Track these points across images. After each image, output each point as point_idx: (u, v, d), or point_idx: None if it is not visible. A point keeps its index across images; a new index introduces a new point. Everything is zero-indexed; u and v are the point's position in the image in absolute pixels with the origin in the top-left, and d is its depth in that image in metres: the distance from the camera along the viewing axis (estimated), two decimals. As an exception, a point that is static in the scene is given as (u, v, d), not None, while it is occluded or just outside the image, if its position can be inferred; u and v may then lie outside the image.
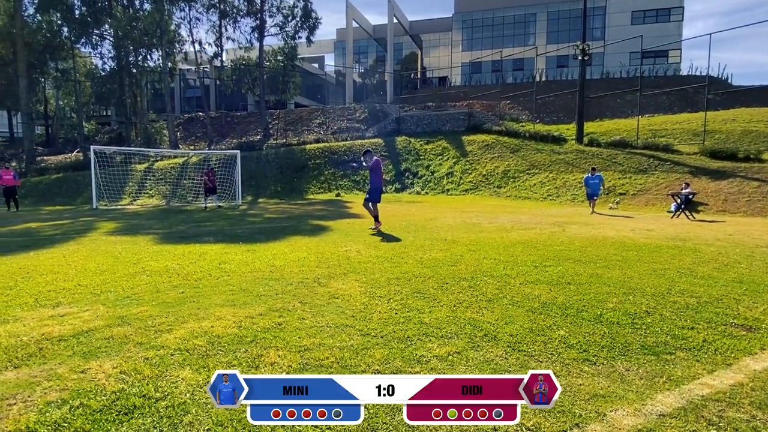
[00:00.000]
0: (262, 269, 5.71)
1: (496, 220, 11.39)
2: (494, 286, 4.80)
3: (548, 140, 24.25)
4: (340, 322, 3.67)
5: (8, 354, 3.06)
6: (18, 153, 32.95)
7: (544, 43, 41.30)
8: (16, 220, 13.05)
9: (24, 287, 4.83)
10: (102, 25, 31.51)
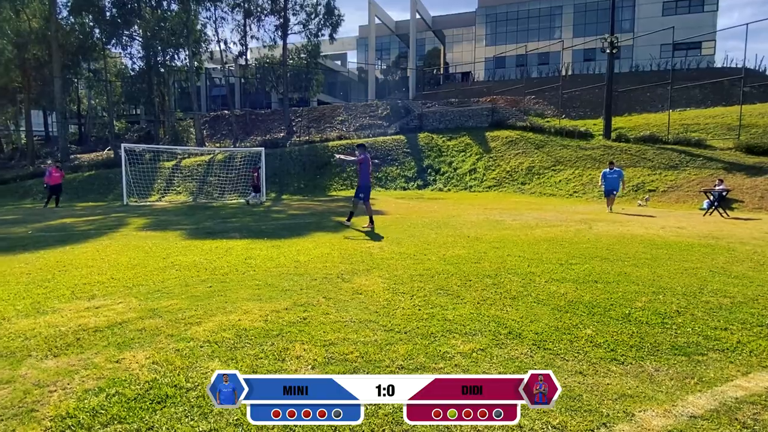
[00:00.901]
0: (286, 265, 5.79)
1: (520, 217, 11.25)
2: (518, 283, 4.75)
3: (574, 136, 23.77)
4: (364, 318, 3.70)
5: (48, 343, 3.20)
6: (53, 151, 34.21)
7: (570, 36, 40.42)
8: (52, 215, 13.57)
9: (61, 280, 5.03)
10: (131, 26, 32.34)
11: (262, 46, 35.88)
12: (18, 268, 5.68)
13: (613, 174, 13.90)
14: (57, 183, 17.68)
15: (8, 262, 6.16)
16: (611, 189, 13.83)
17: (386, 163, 27.40)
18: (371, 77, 43.91)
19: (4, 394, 2.50)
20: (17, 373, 2.76)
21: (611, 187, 13.84)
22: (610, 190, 13.88)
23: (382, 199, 19.27)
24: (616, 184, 13.83)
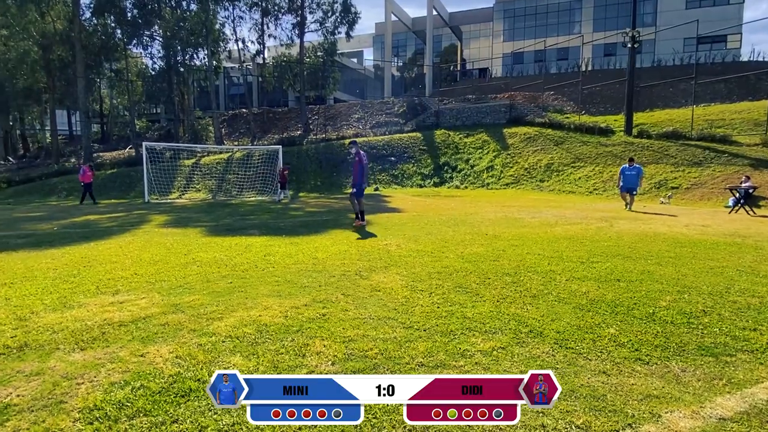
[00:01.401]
0: (305, 261, 5.83)
1: (539, 215, 11.12)
2: (539, 282, 4.69)
3: (594, 132, 23.38)
4: (383, 315, 3.70)
5: (75, 337, 3.28)
6: (76, 150, 35.03)
7: (590, 30, 39.72)
8: (76, 212, 13.90)
9: (86, 275, 5.15)
10: (152, 26, 32.89)
11: (280, 45, 36.12)
12: (45, 264, 5.83)
13: (632, 171, 13.18)
14: (88, 181, 18.20)
15: (35, 257, 6.34)
16: (630, 187, 13.15)
17: (402, 160, 27.37)
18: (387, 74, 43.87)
19: (34, 386, 2.57)
20: (46, 365, 2.83)
21: (630, 185, 13.15)
22: (629, 188, 13.18)
23: (398, 196, 19.27)
24: (636, 182, 13.14)
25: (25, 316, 3.76)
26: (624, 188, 13.26)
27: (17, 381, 2.63)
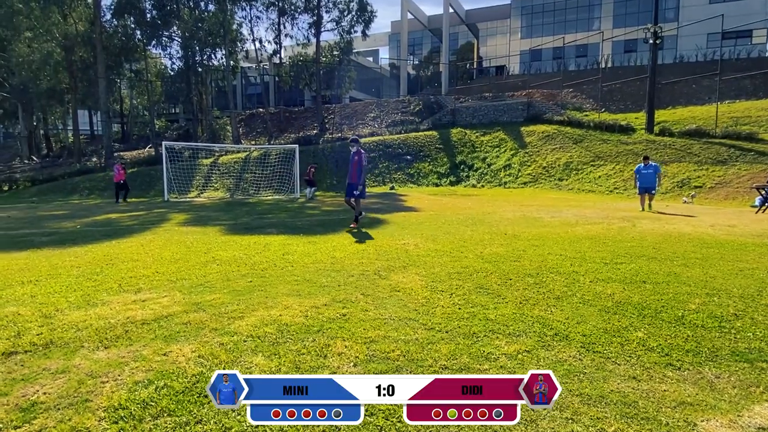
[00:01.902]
0: (323, 260, 5.82)
1: (558, 214, 10.95)
2: (562, 283, 4.60)
3: (615, 130, 22.97)
4: (404, 316, 3.66)
5: (99, 335, 3.31)
6: (97, 149, 35.75)
7: (610, 27, 39.01)
8: (98, 210, 14.17)
9: (109, 273, 5.22)
10: (171, 27, 33.39)
11: (296, 44, 36.33)
12: (69, 262, 5.93)
13: (649, 169, 12.53)
14: (120, 180, 18.61)
15: (59, 255, 6.45)
16: (647, 186, 12.50)
17: (418, 159, 27.29)
18: (403, 73, 43.77)
19: (60, 383, 2.59)
20: (71, 363, 2.86)
21: (647, 184, 12.50)
22: (646, 188, 12.52)
23: (414, 195, 19.19)
24: (653, 181, 12.50)
25: (50, 313, 3.81)
26: (641, 189, 12.62)
27: (43, 379, 2.66)
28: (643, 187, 12.54)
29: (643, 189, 12.54)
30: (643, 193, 12.55)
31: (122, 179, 18.69)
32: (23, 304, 4.06)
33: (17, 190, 27.21)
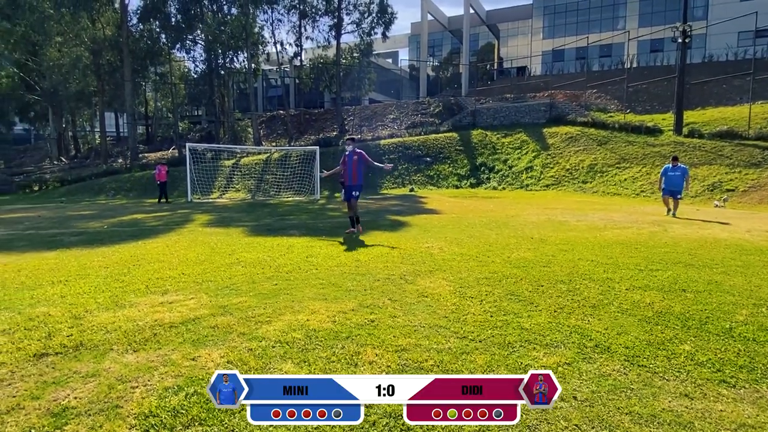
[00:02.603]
0: (347, 264, 5.74)
1: (585, 218, 10.67)
2: (596, 290, 4.42)
3: (641, 131, 22.39)
4: (433, 323, 3.55)
5: (128, 338, 3.29)
6: (123, 150, 36.53)
7: (635, 26, 38.15)
8: (124, 211, 14.42)
9: (136, 274, 5.24)
10: (194, 31, 33.92)
11: (316, 47, 36.50)
12: (97, 262, 6.00)
13: (677, 171, 11.60)
14: (163, 180, 18.71)
15: (88, 255, 6.54)
16: (674, 189, 11.56)
17: (438, 161, 27.09)
18: (423, 74, 43.60)
19: (90, 388, 2.56)
20: (101, 366, 2.84)
21: (674, 187, 11.57)
22: (672, 191, 11.61)
23: (434, 197, 19.02)
24: (680, 184, 11.55)
25: (79, 314, 3.82)
26: (666, 191, 11.77)
27: (74, 382, 2.64)
28: (669, 189, 11.73)
29: (668, 191, 11.73)
30: (668, 196, 11.76)
31: (164, 179, 18.71)
32: (53, 305, 4.09)
33: (47, 190, 27.97)
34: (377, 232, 8.71)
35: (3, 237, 8.66)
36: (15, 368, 2.83)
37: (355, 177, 8.63)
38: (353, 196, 8.60)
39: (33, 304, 4.14)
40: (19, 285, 4.84)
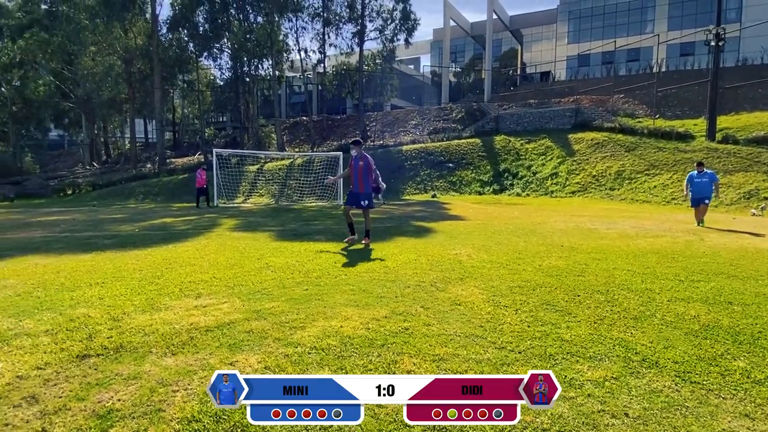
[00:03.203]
0: (376, 270, 5.71)
1: (614, 226, 10.41)
2: (636, 301, 4.28)
3: (671, 137, 21.84)
4: (469, 332, 3.48)
5: (165, 341, 3.32)
6: (151, 156, 37.49)
7: (664, 29, 37.34)
8: (153, 215, 14.74)
9: (169, 277, 5.32)
10: (221, 39, 34.69)
11: (339, 54, 36.86)
12: (131, 264, 6.11)
13: (703, 177, 10.97)
14: (202, 185, 18.69)
15: (122, 258, 6.67)
16: (701, 197, 10.88)
17: (460, 166, 26.95)
18: (445, 80, 43.53)
19: (132, 391, 2.58)
20: (142, 369, 2.86)
21: (701, 195, 10.89)
22: (699, 198, 10.91)
23: (457, 203, 18.89)
24: (707, 191, 10.90)
25: (118, 316, 3.88)
26: (694, 200, 11.06)
27: (117, 384, 2.66)
28: (696, 198, 11.02)
29: (696, 200, 11.02)
30: (696, 206, 11.02)
31: (204, 184, 18.72)
32: (92, 306, 4.17)
33: (80, 194, 28.88)
34: (403, 238, 8.66)
35: (41, 239, 8.94)
36: (60, 369, 2.88)
37: (361, 184, 7.99)
38: (362, 206, 8.00)
39: (73, 305, 4.23)
40: (59, 286, 4.96)
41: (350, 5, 34.32)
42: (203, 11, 33.87)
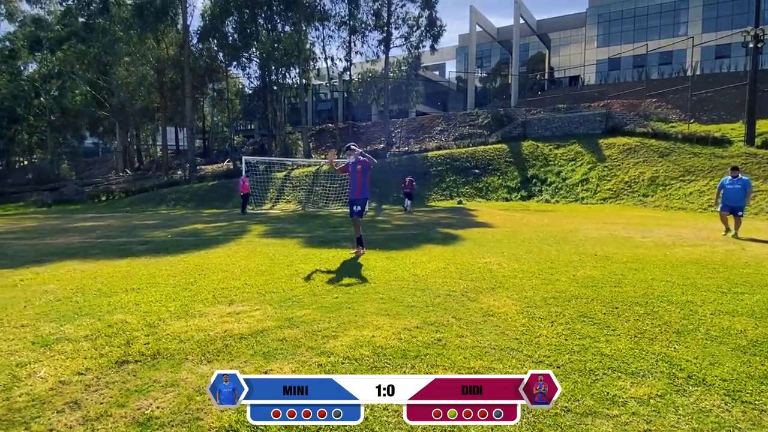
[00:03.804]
0: (405, 278, 5.68)
1: (650, 234, 10.09)
2: (678, 314, 4.11)
3: (707, 142, 21.08)
4: (504, 345, 3.41)
5: (201, 348, 3.36)
6: (182, 163, 38.49)
7: (699, 31, 36.24)
8: (184, 221, 15.09)
9: (202, 284, 5.41)
10: (249, 49, 35.44)
11: (365, 61, 37.14)
12: (165, 270, 6.25)
13: (736, 184, 10.04)
14: (247, 192, 19.20)
15: (156, 264, 6.84)
16: (733, 205, 10.01)
17: (487, 172, 26.68)
18: (471, 86, 43.29)
19: (170, 398, 2.62)
20: (179, 376, 2.90)
21: (734, 203, 10.01)
22: (731, 207, 10.05)
23: (484, 210, 18.68)
24: (741, 199, 9.96)
25: (154, 322, 3.96)
26: (725, 207, 10.19)
27: (155, 391, 2.71)
28: (728, 205, 10.15)
29: (727, 207, 10.15)
30: (726, 213, 10.16)
31: (248, 191, 19.12)
32: (129, 312, 4.27)
33: (113, 200, 29.87)
34: (430, 246, 8.60)
35: (79, 245, 9.25)
36: (100, 374, 2.95)
37: (359, 189, 7.71)
38: (356, 212, 7.73)
39: (110, 311, 4.34)
40: (96, 292, 5.11)
41: (376, 13, 34.58)
42: (232, 21, 34.72)
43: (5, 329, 3.81)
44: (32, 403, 2.58)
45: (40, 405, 2.55)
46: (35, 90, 40.08)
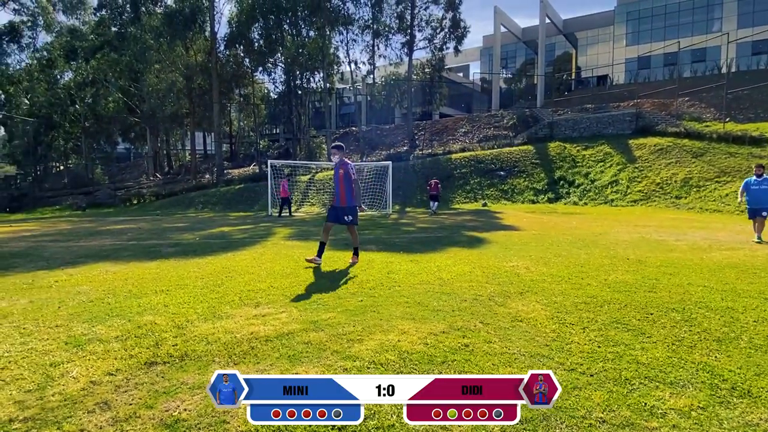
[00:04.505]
0: (430, 281, 5.61)
1: (684, 237, 9.73)
2: (718, 322, 3.92)
3: (744, 142, 20.26)
4: (534, 351, 3.31)
5: (227, 350, 3.38)
6: (209, 167, 39.32)
7: (733, 27, 34.94)
8: (212, 224, 15.38)
9: (229, 286, 5.47)
10: (275, 54, 35.98)
11: (389, 64, 37.21)
12: (193, 273, 6.35)
13: (762, 185, 9.47)
14: (285, 195, 19.46)
15: (184, 266, 6.96)
16: (759, 207, 9.45)
17: (512, 174, 26.31)
18: (495, 87, 42.85)
19: (197, 400, 2.63)
20: (206, 378, 2.92)
21: (758, 205, 9.46)
22: (756, 209, 9.51)
23: (510, 213, 18.40)
24: (766, 200, 9.42)
25: (181, 324, 4.01)
26: (750, 210, 9.68)
27: (183, 393, 2.72)
28: (752, 208, 9.61)
29: (752, 211, 9.61)
30: (753, 217, 9.60)
31: (287, 194, 19.40)
32: (158, 314, 4.34)
33: (144, 204, 30.73)
34: (456, 249, 8.50)
35: (111, 247, 9.52)
36: (129, 375, 2.99)
37: (343, 196, 6.86)
38: (345, 221, 6.94)
39: (140, 312, 4.42)
40: (126, 293, 5.23)
41: (399, 16, 34.63)
42: (258, 28, 35.33)
43: (40, 329, 3.92)
44: (64, 402, 2.63)
45: (71, 405, 2.60)
46: (71, 97, 41.68)
